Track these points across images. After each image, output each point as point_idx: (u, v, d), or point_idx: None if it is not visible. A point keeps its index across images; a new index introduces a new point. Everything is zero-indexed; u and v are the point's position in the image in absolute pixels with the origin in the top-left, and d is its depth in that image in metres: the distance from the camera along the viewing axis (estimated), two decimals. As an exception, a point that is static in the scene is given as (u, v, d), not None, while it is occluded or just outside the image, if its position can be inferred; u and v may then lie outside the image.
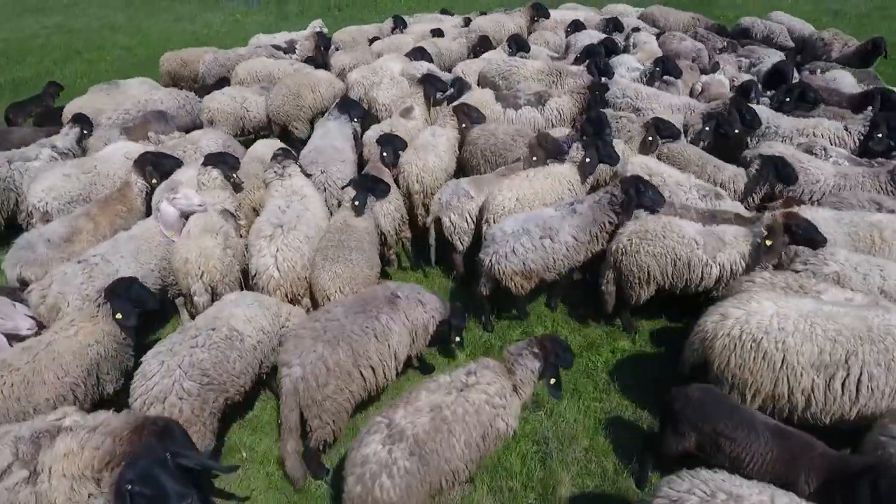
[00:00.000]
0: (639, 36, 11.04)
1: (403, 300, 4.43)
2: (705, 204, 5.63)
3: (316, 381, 3.92)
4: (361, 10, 19.77)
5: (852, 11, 17.56)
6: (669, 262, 4.93)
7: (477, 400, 3.57)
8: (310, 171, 6.40)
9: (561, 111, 7.70)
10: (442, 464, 3.44)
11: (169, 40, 16.23)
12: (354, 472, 3.36)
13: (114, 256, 4.99)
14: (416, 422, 3.44)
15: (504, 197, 5.73)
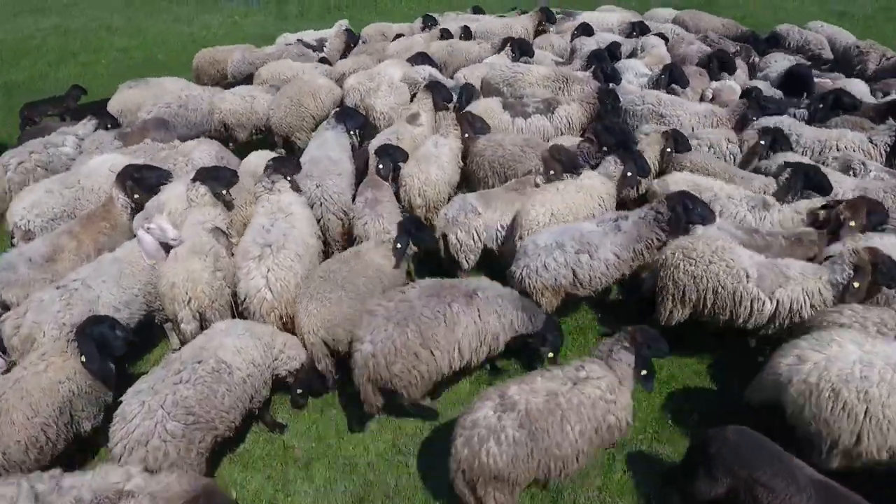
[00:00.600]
0: (647, 40, 10.72)
1: (480, 300, 4.36)
2: (754, 216, 5.32)
3: (385, 359, 4.09)
4: (361, 10, 19.46)
5: (858, 13, 17.27)
6: (710, 290, 4.60)
7: (592, 394, 3.64)
8: (304, 184, 6.10)
9: (570, 119, 7.42)
10: (552, 447, 3.48)
11: (165, 42, 15.95)
12: (463, 434, 3.50)
13: (95, 281, 4.69)
14: (530, 399, 3.53)
15: (538, 212, 5.48)
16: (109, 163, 6.45)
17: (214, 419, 3.83)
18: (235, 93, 8.59)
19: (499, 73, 8.55)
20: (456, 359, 4.31)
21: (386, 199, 5.90)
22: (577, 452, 3.58)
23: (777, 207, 5.33)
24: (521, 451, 3.40)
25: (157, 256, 4.92)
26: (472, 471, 3.47)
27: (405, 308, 4.24)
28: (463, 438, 3.49)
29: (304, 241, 5.18)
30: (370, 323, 4.21)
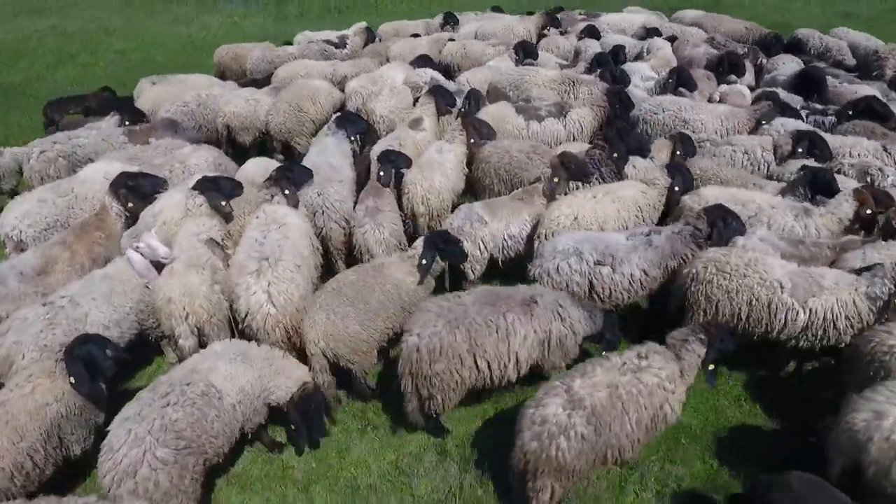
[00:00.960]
0: (653, 42, 10.56)
1: (540, 307, 4.26)
2: (798, 223, 5.16)
3: (428, 355, 4.06)
4: (362, 12, 19.26)
5: (863, 14, 17.14)
6: (745, 302, 4.44)
7: (650, 382, 3.69)
8: (305, 192, 5.93)
9: (582, 124, 7.23)
10: (612, 439, 3.61)
11: (164, 44, 15.77)
12: (532, 429, 3.60)
13: (84, 298, 4.49)
14: (595, 394, 3.61)
15: (561, 213, 5.38)
16: (104, 170, 6.25)
17: (205, 444, 3.66)
18: (239, 95, 8.46)
19: (506, 76, 8.41)
20: (510, 369, 4.23)
21: (387, 207, 5.73)
22: (632, 441, 3.70)
23: (818, 213, 5.17)
24: (586, 446, 3.56)
25: (148, 275, 4.72)
26: (537, 463, 3.60)
27: (458, 310, 4.22)
28: (531, 433, 3.60)
29: (299, 253, 4.98)
30: (421, 317, 4.23)
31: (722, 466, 4.36)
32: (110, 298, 4.55)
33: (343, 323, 4.49)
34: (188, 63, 13.93)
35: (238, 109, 8.23)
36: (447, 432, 4.63)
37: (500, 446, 4.54)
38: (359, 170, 6.82)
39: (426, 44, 10.75)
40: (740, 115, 7.15)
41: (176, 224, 5.32)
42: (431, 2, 19.96)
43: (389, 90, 8.23)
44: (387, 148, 6.40)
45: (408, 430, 4.69)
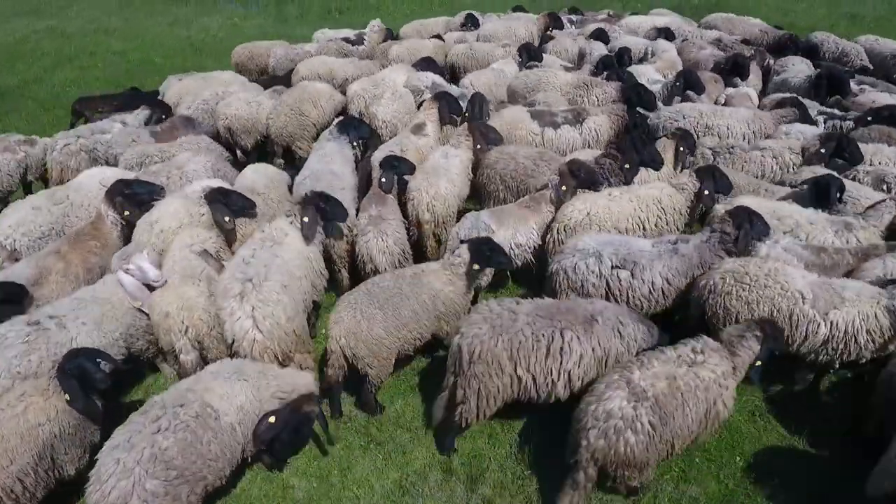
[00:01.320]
0: (657, 44, 10.42)
1: (600, 326, 4.11)
2: (839, 238, 5.01)
3: (469, 357, 4.02)
4: (363, 13, 19.12)
5: (869, 15, 16.98)
6: (766, 314, 4.29)
7: (707, 377, 3.67)
8: None
9: (598, 132, 7.05)
10: (676, 429, 3.59)
11: (163, 45, 15.64)
12: (597, 425, 3.55)
13: (73, 322, 4.24)
14: (656, 384, 3.59)
15: (574, 208, 5.34)
16: (100, 177, 6.13)
17: (202, 469, 3.50)
18: (241, 98, 8.34)
19: (523, 81, 8.31)
20: (560, 387, 4.08)
21: (390, 215, 5.59)
22: (686, 435, 3.67)
23: (860, 225, 5.03)
24: (653, 439, 3.55)
25: (141, 297, 4.48)
26: (605, 459, 3.60)
27: (507, 318, 4.11)
28: (597, 430, 3.56)
29: (288, 272, 4.67)
30: (470, 318, 4.21)
31: (738, 486, 4.22)
32: (101, 324, 4.32)
33: (368, 325, 4.42)
34: (187, 65, 13.81)
35: (239, 112, 8.12)
36: (454, 449, 4.51)
37: (506, 464, 4.42)
38: (360, 175, 6.69)
39: (431, 46, 10.61)
40: (765, 118, 7.02)
41: (174, 233, 5.18)
42: (433, 3, 19.84)
43: (392, 94, 8.08)
44: (389, 153, 6.26)
45: (412, 446, 4.56)
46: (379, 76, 8.89)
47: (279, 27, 17.28)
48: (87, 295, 4.48)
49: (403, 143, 6.73)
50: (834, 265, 4.74)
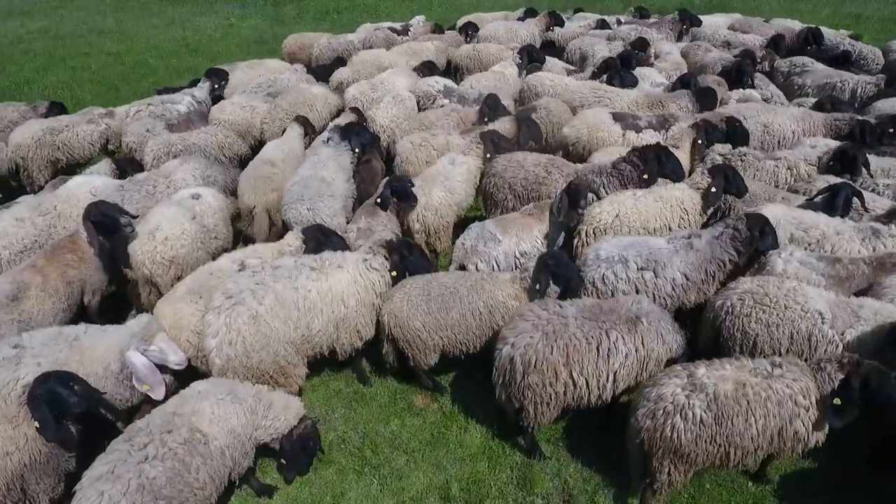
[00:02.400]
0: (661, 46, 10.23)
1: (644, 327, 4.02)
2: (866, 247, 4.83)
3: (522, 366, 3.93)
4: (361, 13, 18.91)
5: (874, 16, 16.76)
6: (786, 336, 4.10)
7: (781, 391, 3.49)
8: (295, 207, 5.61)
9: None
10: (735, 436, 3.45)
11: (158, 46, 15.40)
12: (647, 405, 3.56)
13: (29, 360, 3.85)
14: (719, 384, 3.50)
15: (603, 209, 5.29)
16: (90, 186, 5.95)
17: (189, 498, 3.29)
18: (235, 102, 8.23)
19: (578, 95, 7.78)
20: (608, 389, 4.01)
21: (380, 227, 5.38)
22: (755, 447, 3.52)
23: (888, 232, 4.83)
24: (704, 433, 3.44)
25: (150, 381, 3.96)
26: (651, 442, 3.54)
27: (558, 322, 4.01)
28: (646, 409, 3.55)
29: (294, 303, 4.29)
30: (518, 326, 4.06)
31: (751, 514, 4.00)
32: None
33: (410, 313, 4.42)
34: (183, 66, 13.60)
35: (233, 117, 7.99)
36: (540, 454, 4.35)
37: (507, 490, 4.19)
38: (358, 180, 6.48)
39: (433, 48, 10.43)
40: (816, 118, 6.85)
41: (177, 239, 5.18)
42: (431, 3, 19.61)
43: (392, 98, 7.90)
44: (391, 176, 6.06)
45: (409, 470, 4.34)
46: (378, 79, 8.71)
47: (276, 28, 17.06)
48: (68, 336, 4.04)
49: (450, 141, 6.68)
50: (849, 276, 4.55)
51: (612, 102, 7.46)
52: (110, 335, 4.07)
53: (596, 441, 4.46)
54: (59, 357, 3.88)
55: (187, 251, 5.26)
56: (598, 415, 4.40)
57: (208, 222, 5.57)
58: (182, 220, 5.33)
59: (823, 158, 5.93)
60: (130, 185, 6.08)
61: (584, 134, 6.80)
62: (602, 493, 4.12)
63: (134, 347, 3.88)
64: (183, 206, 5.48)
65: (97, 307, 5.23)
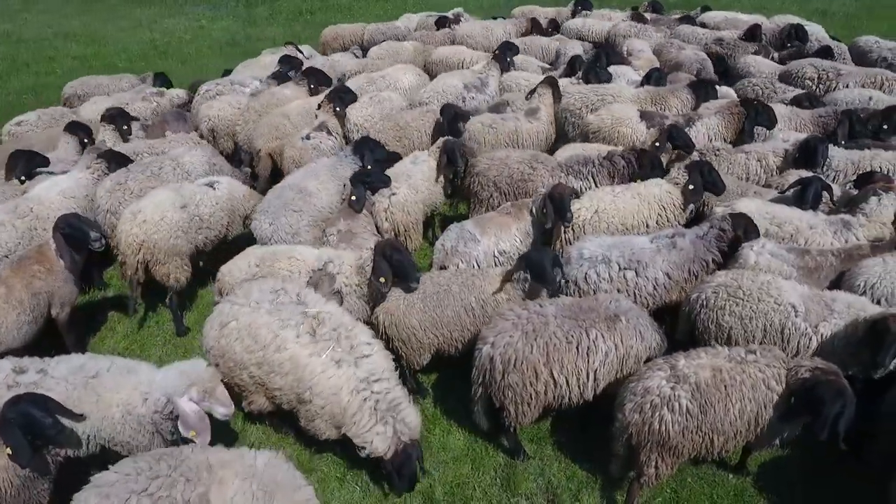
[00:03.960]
0: (632, 44, 10.28)
1: (623, 324, 4.04)
2: (838, 239, 4.91)
3: (502, 365, 3.92)
4: (335, 14, 18.78)
5: (839, 11, 17.18)
6: (759, 328, 4.16)
7: (754, 375, 3.55)
8: (258, 219, 5.51)
9: (711, 134, 6.72)
10: (717, 422, 3.51)
11: (126, 49, 15.07)
12: (634, 400, 3.59)
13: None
14: (699, 372, 3.56)
15: (582, 206, 5.33)
16: (56, 188, 5.81)
17: None
18: (224, 100, 8.18)
19: (578, 98, 7.43)
20: (589, 387, 4.03)
21: (360, 230, 5.31)
22: (734, 432, 3.57)
23: (858, 223, 4.92)
24: (691, 423, 3.50)
25: (199, 428, 3.69)
26: (640, 436, 3.58)
27: (538, 321, 4.01)
28: (633, 404, 3.58)
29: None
30: (497, 325, 4.06)
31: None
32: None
33: (406, 311, 4.45)
34: (152, 69, 13.25)
35: (222, 114, 7.95)
36: (524, 454, 4.35)
37: (491, 492, 4.17)
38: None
39: (411, 48, 10.45)
40: (803, 115, 6.97)
41: (156, 224, 5.16)
42: (406, 3, 19.54)
43: (369, 98, 7.82)
44: (359, 169, 5.95)
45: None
46: (377, 74, 8.79)
47: (248, 29, 16.85)
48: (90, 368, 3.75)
49: (518, 127, 6.95)
50: (818, 267, 4.65)
51: (614, 101, 7.32)
52: (139, 375, 3.77)
53: (578, 438, 4.48)
54: (71, 395, 3.60)
55: (161, 237, 5.23)
56: (580, 412, 4.40)
57: (204, 212, 5.54)
58: (167, 207, 5.29)
59: (791, 150, 6.03)
60: (137, 166, 6.16)
61: (607, 125, 6.76)
62: (586, 491, 4.13)
63: (188, 397, 3.67)
64: (181, 193, 5.47)
65: (67, 320, 5.05)
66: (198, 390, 3.66)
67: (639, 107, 7.06)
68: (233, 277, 4.62)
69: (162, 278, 5.42)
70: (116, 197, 5.84)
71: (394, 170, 6.10)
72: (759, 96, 8.09)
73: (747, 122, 6.50)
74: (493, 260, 5.27)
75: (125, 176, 5.99)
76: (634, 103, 7.19)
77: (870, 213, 4.96)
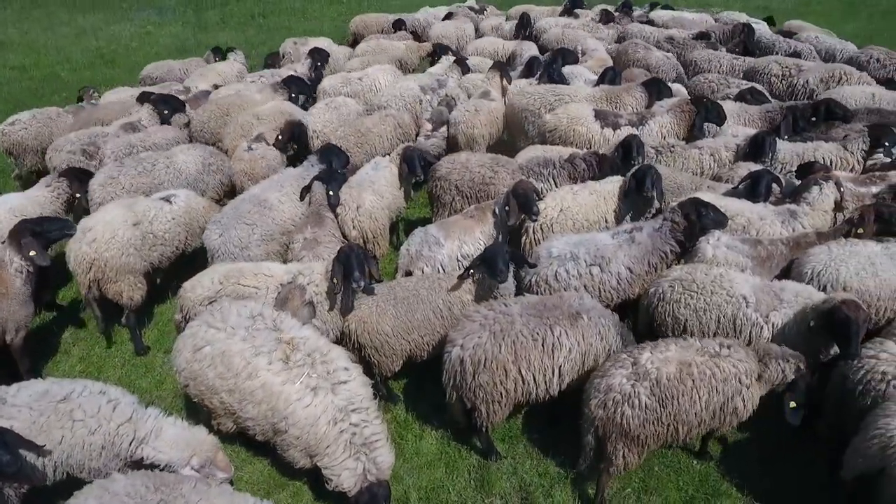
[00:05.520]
0: (586, 43, 10.52)
1: (584, 322, 4.15)
2: (786, 228, 5.15)
3: (472, 367, 3.98)
4: (288, 17, 18.48)
5: (778, 7, 17.93)
6: (713, 320, 4.35)
7: (727, 370, 3.73)
8: (210, 229, 5.37)
9: (663, 132, 6.83)
10: (681, 413, 3.70)
11: (69, 59, 14.43)
12: (598, 396, 3.79)
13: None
14: (662, 368, 3.72)
15: (548, 205, 5.46)
16: (8, 205, 5.64)
17: None
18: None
19: (537, 97, 7.52)
20: (555, 383, 4.14)
21: (326, 238, 5.27)
22: (700, 421, 3.77)
23: (803, 212, 5.17)
24: (651, 416, 3.69)
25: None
26: (605, 428, 3.79)
27: (504, 321, 4.09)
28: (597, 401, 3.78)
29: None
30: (465, 327, 4.12)
31: (697, 491, 4.19)
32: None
33: (378, 318, 4.48)
34: (99, 78, 12.80)
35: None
36: (496, 454, 4.42)
37: (466, 493, 4.21)
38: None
39: (404, 47, 10.80)
40: (752, 111, 7.24)
41: (106, 243, 5.05)
42: (361, 3, 19.42)
43: (325, 104, 7.78)
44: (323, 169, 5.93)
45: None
46: (355, 75, 8.94)
47: (199, 34, 16.41)
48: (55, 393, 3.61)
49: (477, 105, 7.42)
50: (769, 256, 4.87)
51: (571, 101, 7.43)
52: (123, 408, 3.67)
53: (548, 434, 4.58)
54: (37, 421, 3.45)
55: (112, 255, 5.10)
56: (548, 409, 4.50)
57: (159, 228, 5.39)
58: (118, 225, 5.14)
59: (741, 145, 6.29)
60: (130, 161, 6.21)
61: (563, 124, 6.89)
62: (558, 487, 4.22)
63: (191, 467, 3.60)
64: (134, 209, 5.31)
65: (21, 345, 4.84)
66: (199, 460, 3.61)
67: (594, 106, 7.21)
68: (195, 294, 4.50)
69: (115, 297, 5.27)
70: (108, 191, 5.94)
71: (356, 177, 6.09)
72: (714, 92, 8.45)
73: (698, 119, 6.73)
74: (457, 263, 5.31)
75: (118, 171, 6.08)
76: (590, 103, 7.33)
77: (812, 202, 5.20)
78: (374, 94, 8.65)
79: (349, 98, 8.23)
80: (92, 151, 6.95)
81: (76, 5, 19.76)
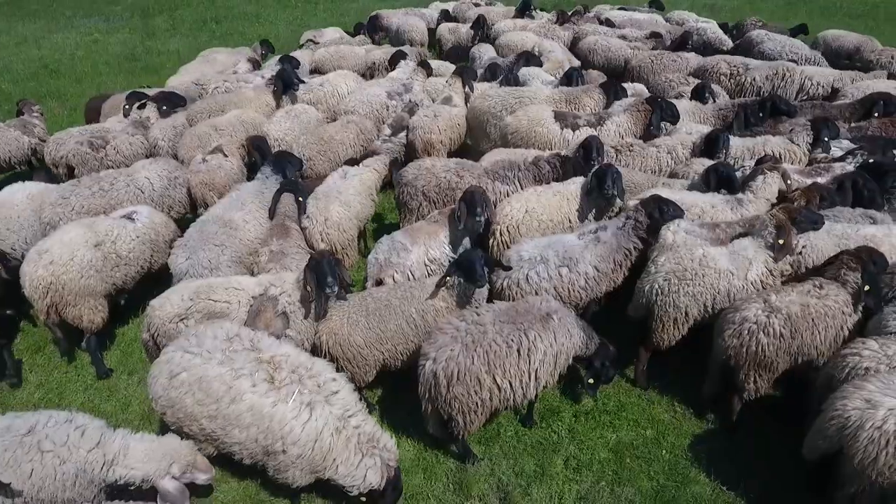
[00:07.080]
0: (542, 44, 10.70)
1: (556, 322, 4.20)
2: (735, 214, 5.34)
3: (446, 380, 3.98)
4: (242, 22, 18.12)
5: (726, 5, 18.62)
6: (710, 299, 4.64)
7: (832, 306, 4.21)
8: (175, 253, 5.16)
9: (620, 132, 6.97)
10: (804, 347, 4.18)
11: (9, 69, 13.77)
12: (731, 327, 4.24)
13: None
14: (790, 306, 4.17)
15: (513, 207, 5.53)
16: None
17: None
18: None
19: (498, 99, 7.59)
20: (532, 387, 4.18)
21: (293, 250, 5.19)
22: (817, 354, 4.22)
23: (748, 200, 5.42)
24: (783, 345, 4.13)
25: (179, 501, 3.65)
26: (738, 357, 4.23)
27: (476, 331, 4.10)
28: (732, 330, 4.23)
29: None
30: (437, 340, 4.13)
31: (668, 480, 4.33)
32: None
33: (349, 330, 4.47)
34: (44, 90, 12.28)
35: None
36: (473, 457, 4.47)
37: (445, 497, 4.24)
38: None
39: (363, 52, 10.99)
40: (705, 109, 7.50)
41: (64, 265, 4.84)
42: (317, 9, 19.22)
43: (285, 112, 7.67)
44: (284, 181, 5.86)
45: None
46: (316, 81, 8.87)
47: (147, 42, 15.92)
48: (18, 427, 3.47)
49: (437, 110, 7.49)
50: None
51: (531, 103, 7.54)
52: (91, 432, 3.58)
53: (523, 433, 4.66)
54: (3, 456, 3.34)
55: (70, 278, 4.89)
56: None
57: (123, 248, 5.23)
58: (77, 246, 4.94)
59: (697, 142, 6.54)
60: (86, 180, 5.97)
61: (523, 126, 6.98)
62: (535, 485, 4.29)
63: (171, 476, 3.55)
64: (95, 229, 5.12)
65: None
66: (179, 467, 3.58)
67: (553, 108, 7.34)
68: (164, 312, 4.36)
69: (74, 321, 5.07)
70: (57, 212, 5.72)
71: (323, 188, 6.03)
72: (674, 90, 8.76)
73: (654, 118, 6.94)
74: (424, 268, 5.34)
75: (70, 190, 5.84)
76: (549, 104, 7.46)
77: (756, 190, 5.47)
78: (337, 101, 8.59)
79: (309, 105, 8.14)
80: (99, 144, 6.82)
81: (15, 13, 18.92)
